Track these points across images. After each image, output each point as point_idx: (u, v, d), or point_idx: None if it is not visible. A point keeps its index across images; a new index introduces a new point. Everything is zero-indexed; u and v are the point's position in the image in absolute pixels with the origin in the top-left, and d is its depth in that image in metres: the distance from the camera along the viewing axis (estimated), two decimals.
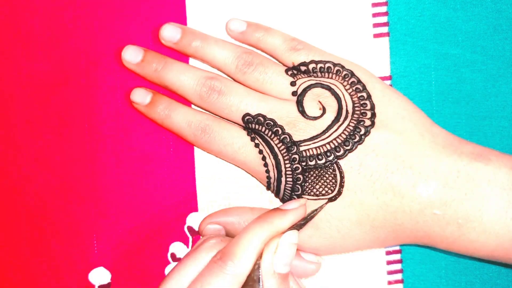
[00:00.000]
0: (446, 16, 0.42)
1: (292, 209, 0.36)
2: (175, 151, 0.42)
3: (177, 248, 0.42)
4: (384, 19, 0.42)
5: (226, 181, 0.42)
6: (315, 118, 0.38)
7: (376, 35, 0.42)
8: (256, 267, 0.34)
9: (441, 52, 0.42)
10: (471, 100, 0.43)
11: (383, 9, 0.42)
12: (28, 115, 0.41)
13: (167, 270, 0.42)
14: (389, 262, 0.43)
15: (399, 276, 0.43)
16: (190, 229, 0.42)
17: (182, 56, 0.41)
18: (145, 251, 0.42)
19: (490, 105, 0.43)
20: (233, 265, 0.34)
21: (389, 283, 0.43)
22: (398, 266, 0.43)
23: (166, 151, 0.42)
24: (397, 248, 0.43)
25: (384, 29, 0.42)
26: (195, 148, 0.42)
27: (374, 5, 0.42)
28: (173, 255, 0.42)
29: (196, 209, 0.42)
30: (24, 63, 0.41)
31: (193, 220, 0.42)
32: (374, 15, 0.42)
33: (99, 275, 0.42)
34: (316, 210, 0.37)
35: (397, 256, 0.43)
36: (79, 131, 0.41)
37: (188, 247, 0.42)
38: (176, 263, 0.42)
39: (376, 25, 0.42)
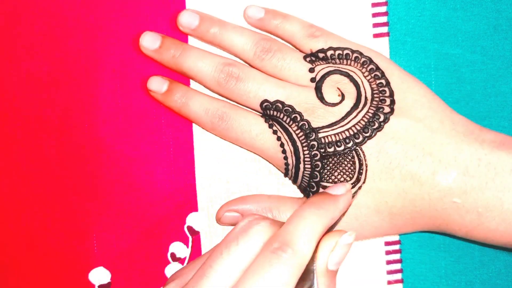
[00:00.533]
0: (446, 16, 0.42)
1: (343, 196, 0.34)
2: (175, 151, 0.42)
3: (177, 248, 0.42)
4: (384, 19, 0.42)
5: (226, 181, 0.42)
6: (334, 104, 0.38)
7: (376, 35, 0.42)
8: (313, 261, 0.32)
9: (441, 52, 0.42)
10: (471, 100, 0.43)
11: (383, 9, 0.42)
12: (28, 115, 0.41)
13: (167, 270, 0.42)
14: (388, 262, 0.43)
15: (398, 276, 0.43)
16: (190, 229, 0.42)
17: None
18: (145, 251, 0.42)
19: (490, 105, 0.43)
20: (293, 255, 0.30)
21: (389, 282, 0.43)
22: (398, 266, 0.43)
23: (166, 151, 0.42)
24: (397, 247, 0.43)
25: (384, 29, 0.42)
26: (195, 148, 0.42)
27: (374, 5, 0.42)
28: (173, 255, 0.42)
29: (196, 209, 0.42)
30: (24, 60, 0.41)
31: (193, 220, 0.42)
32: (374, 15, 0.42)
33: (99, 274, 0.42)
34: (354, 195, 0.37)
35: (397, 256, 0.43)
36: (79, 131, 0.41)
37: (188, 247, 0.42)
38: (176, 263, 0.42)
39: (376, 25, 0.42)
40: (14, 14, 0.41)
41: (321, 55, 0.39)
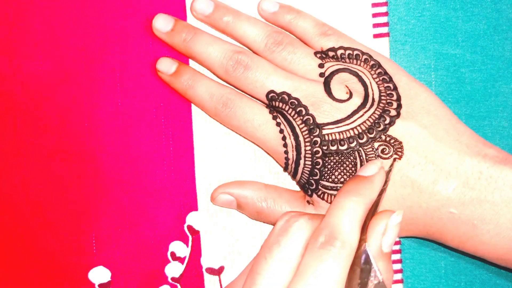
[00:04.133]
0: (446, 16, 0.42)
1: (376, 175, 0.34)
2: (175, 151, 0.42)
3: (177, 247, 0.42)
4: (384, 19, 0.42)
5: (226, 181, 0.42)
6: (341, 101, 0.38)
7: (376, 36, 0.42)
8: (361, 246, 0.31)
9: (441, 52, 0.42)
10: (471, 100, 0.43)
11: (383, 9, 0.42)
12: (28, 114, 0.41)
13: (167, 269, 0.42)
14: None
15: (399, 276, 0.43)
16: (190, 228, 0.42)
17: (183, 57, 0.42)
18: (145, 250, 0.42)
19: (490, 105, 0.43)
20: (342, 246, 0.30)
21: None
22: (398, 266, 0.43)
23: (166, 151, 0.42)
24: (397, 248, 0.42)
25: (384, 30, 0.42)
26: (195, 148, 0.42)
27: (374, 5, 0.42)
28: (172, 254, 0.42)
29: (196, 208, 0.42)
30: (23, 58, 0.41)
31: (193, 219, 0.42)
32: (374, 15, 0.42)
33: (99, 273, 0.42)
34: (390, 169, 0.36)
35: (397, 256, 0.43)
36: (79, 131, 0.42)
37: (187, 246, 0.42)
38: (176, 262, 0.42)
39: (376, 26, 0.42)
40: (13, 9, 0.41)
41: (331, 53, 0.39)
